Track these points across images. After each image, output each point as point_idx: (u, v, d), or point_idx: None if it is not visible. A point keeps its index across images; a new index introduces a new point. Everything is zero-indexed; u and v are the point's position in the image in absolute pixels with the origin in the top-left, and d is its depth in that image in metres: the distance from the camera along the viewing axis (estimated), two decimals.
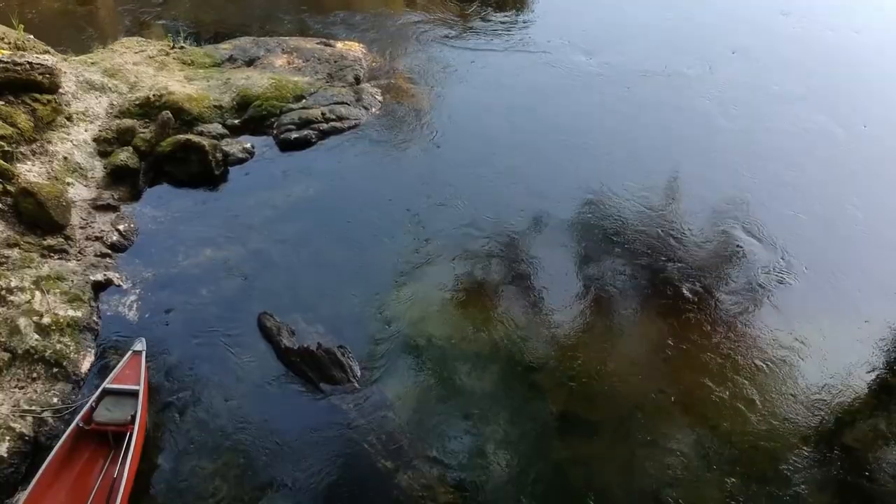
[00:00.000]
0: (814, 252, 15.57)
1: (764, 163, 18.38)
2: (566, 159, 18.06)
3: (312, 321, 13.05)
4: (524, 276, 14.41)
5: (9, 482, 10.01)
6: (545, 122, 19.39)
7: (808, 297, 14.41)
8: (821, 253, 15.63)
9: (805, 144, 19.40)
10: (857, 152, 19.24)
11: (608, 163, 18.04)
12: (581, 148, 18.55)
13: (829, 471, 11.27)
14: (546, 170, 17.53)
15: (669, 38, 24.91)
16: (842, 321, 13.91)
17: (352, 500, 10.49)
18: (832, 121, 20.34)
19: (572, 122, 19.67)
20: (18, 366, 11.22)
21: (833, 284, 14.79)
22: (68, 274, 12.86)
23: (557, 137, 18.77)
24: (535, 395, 12.14)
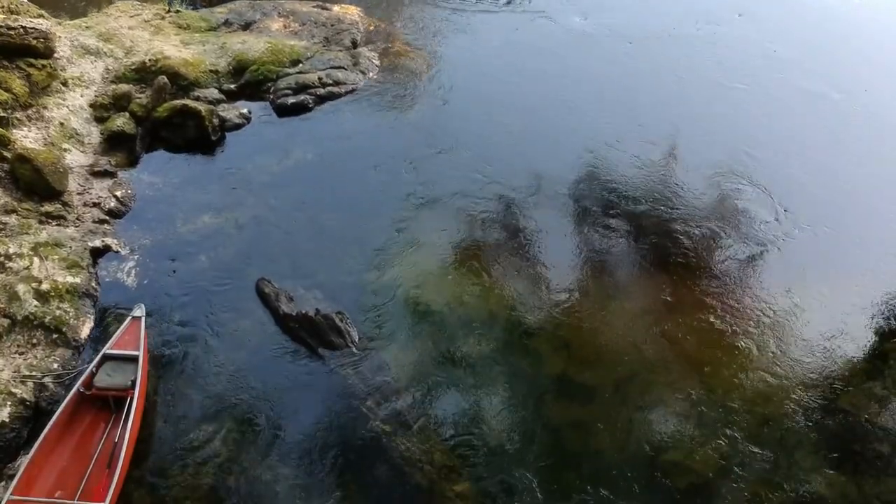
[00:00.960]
0: (815, 210, 15.65)
1: (767, 123, 18.30)
2: (566, 119, 18.02)
3: (311, 287, 13.09)
4: (523, 241, 14.43)
5: (11, 447, 10.13)
6: (544, 84, 19.24)
7: (806, 258, 14.50)
8: (822, 212, 15.69)
9: (808, 106, 19.34)
10: (859, 115, 19.14)
11: (608, 121, 17.98)
12: (581, 106, 18.53)
13: (823, 434, 11.39)
14: (545, 132, 17.46)
15: None
16: (839, 284, 13.98)
17: (351, 463, 10.60)
18: (834, 85, 20.19)
19: (573, 80, 19.59)
20: (18, 332, 11.28)
21: (832, 244, 14.88)
22: (66, 240, 12.88)
23: (557, 98, 18.69)
24: (533, 360, 12.21)
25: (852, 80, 20.62)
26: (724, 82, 19.94)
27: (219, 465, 10.39)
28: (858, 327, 13.19)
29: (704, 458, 10.91)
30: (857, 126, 18.72)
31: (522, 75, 19.55)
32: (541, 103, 18.46)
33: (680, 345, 12.53)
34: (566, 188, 15.81)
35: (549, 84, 19.28)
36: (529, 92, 18.89)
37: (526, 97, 18.68)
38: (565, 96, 18.82)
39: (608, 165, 16.46)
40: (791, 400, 11.78)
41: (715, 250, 14.45)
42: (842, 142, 18.08)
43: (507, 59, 20.31)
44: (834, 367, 12.39)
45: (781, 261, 14.41)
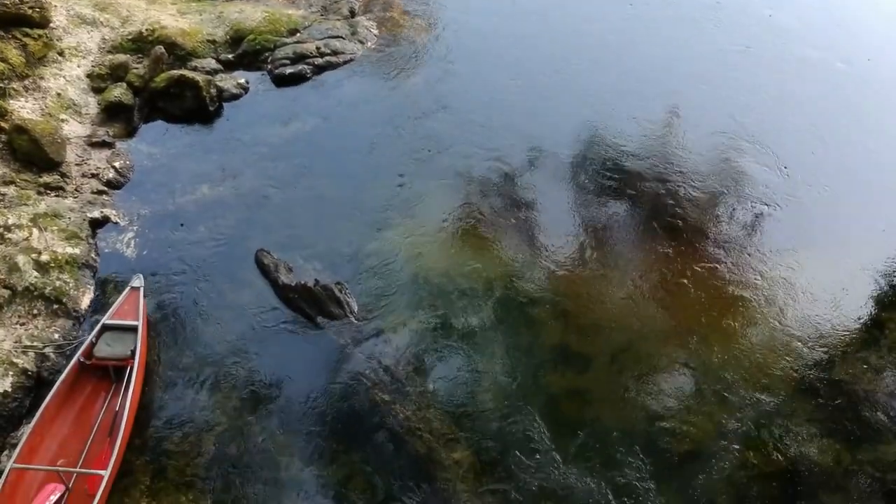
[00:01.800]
0: (815, 175, 15.67)
1: (767, 88, 18.20)
2: (566, 84, 17.96)
3: (310, 258, 13.12)
4: (522, 208, 14.45)
5: (13, 416, 10.23)
6: (543, 49, 19.15)
7: (805, 224, 14.56)
8: (822, 177, 15.69)
9: (810, 73, 19.17)
10: (860, 83, 19.02)
11: (608, 83, 17.96)
12: (581, 69, 18.51)
13: (818, 402, 11.48)
14: (544, 99, 17.36)
15: None
16: (838, 250, 14.05)
17: (350, 432, 10.71)
18: (837, 53, 20.02)
19: (573, 44, 19.55)
20: (19, 302, 11.33)
21: (832, 210, 14.93)
22: (65, 211, 12.89)
23: (556, 63, 18.59)
24: (531, 329, 12.29)
25: (855, 48, 20.43)
26: (725, 47, 19.82)
27: (219, 434, 10.50)
28: (856, 295, 13.22)
29: (700, 425, 11.01)
30: (859, 94, 18.60)
31: (522, 41, 19.46)
32: (539, 69, 18.37)
33: (677, 313, 12.59)
34: (566, 154, 15.80)
35: (547, 49, 19.19)
36: (529, 57, 18.80)
37: (525, 62, 18.60)
38: (565, 60, 18.74)
39: (608, 128, 16.43)
40: (787, 368, 11.86)
41: (714, 216, 14.48)
42: (845, 108, 18.00)
43: (508, 23, 20.15)
44: (830, 335, 12.45)
45: (781, 227, 14.45)
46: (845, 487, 10.47)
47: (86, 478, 9.45)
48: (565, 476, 10.36)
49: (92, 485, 9.33)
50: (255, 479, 10.07)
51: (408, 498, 10.02)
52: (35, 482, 9.44)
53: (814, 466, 10.68)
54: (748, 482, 10.45)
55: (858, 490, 10.46)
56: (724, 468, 10.58)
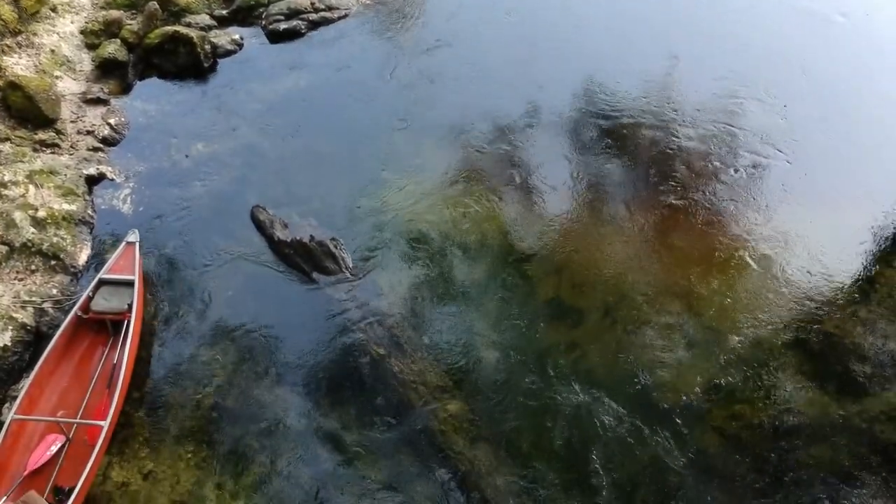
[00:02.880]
0: (811, 130, 15.61)
1: (766, 44, 18.03)
2: (565, 41, 17.78)
3: (305, 214, 13.17)
4: (517, 166, 14.43)
5: (13, 369, 10.40)
6: (542, 9, 18.91)
7: (800, 179, 14.52)
8: (819, 132, 15.64)
9: (810, 28, 19.01)
10: (859, 37, 18.88)
11: (607, 47, 17.78)
12: (580, 27, 18.32)
13: (808, 355, 11.59)
14: (542, 56, 17.22)
15: None
16: (831, 205, 14.05)
17: (346, 385, 10.86)
18: (835, 7, 19.82)
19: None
20: (17, 258, 11.42)
21: (826, 166, 14.91)
22: (61, 168, 12.92)
23: (555, 22, 18.38)
24: (525, 284, 12.38)
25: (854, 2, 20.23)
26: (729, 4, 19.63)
27: (217, 387, 10.66)
28: (848, 250, 13.26)
29: (691, 377, 11.15)
30: (858, 48, 18.43)
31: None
32: (538, 28, 18.16)
33: (671, 267, 12.67)
34: (562, 112, 15.72)
35: (546, 7, 18.95)
36: (527, 15, 18.57)
37: (524, 20, 18.38)
38: (565, 17, 18.53)
39: (604, 87, 16.32)
40: (777, 322, 11.96)
41: (709, 172, 14.47)
42: (843, 63, 17.84)
43: None
44: (821, 289, 12.52)
45: (776, 181, 14.45)
46: (833, 438, 10.62)
47: (86, 428, 9.62)
48: (558, 428, 10.53)
49: (92, 435, 9.49)
50: (252, 431, 10.25)
51: (403, 449, 10.20)
52: (36, 433, 9.64)
53: (802, 418, 10.83)
54: (737, 433, 10.60)
55: (845, 441, 10.60)
56: (714, 420, 10.73)
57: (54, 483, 9.19)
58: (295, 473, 9.89)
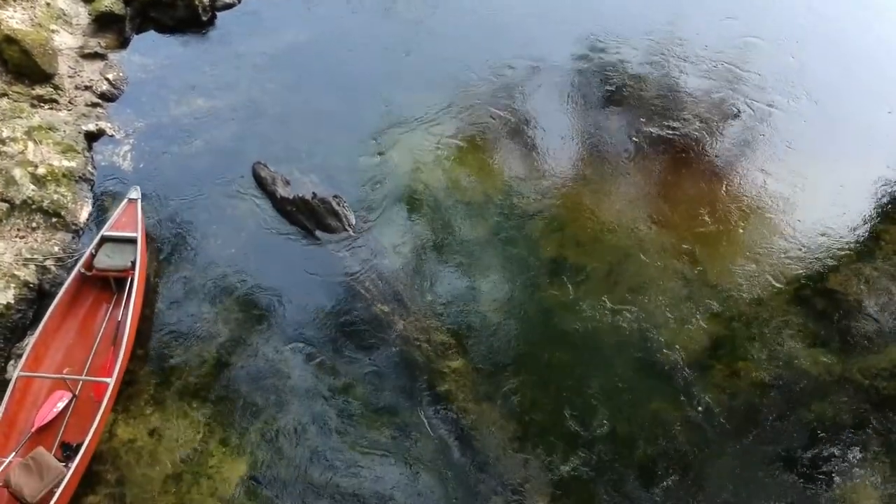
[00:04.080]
0: (813, 88, 15.42)
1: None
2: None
3: (307, 170, 13.07)
4: (520, 123, 14.30)
5: (17, 327, 10.38)
6: None
7: (803, 137, 14.41)
8: (821, 90, 15.45)
9: None
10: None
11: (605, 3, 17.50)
12: None
13: (811, 313, 11.63)
14: (545, 10, 16.94)
15: None
16: (835, 163, 13.95)
17: (349, 342, 10.89)
18: None
19: None
20: (17, 216, 11.34)
21: (830, 124, 14.76)
22: (60, 124, 12.77)
23: None
24: (528, 241, 12.36)
25: None
26: None
27: (221, 344, 10.68)
28: (851, 208, 13.22)
29: (693, 337, 11.18)
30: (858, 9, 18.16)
31: None
32: None
33: (674, 224, 12.64)
34: (564, 68, 15.51)
35: None
36: None
37: None
38: None
39: (606, 47, 16.07)
40: (780, 280, 11.97)
41: (711, 131, 14.35)
42: (841, 27, 17.55)
43: None
44: (825, 247, 12.52)
45: (778, 139, 14.35)
46: (834, 395, 10.70)
47: (91, 385, 9.65)
48: (560, 385, 10.59)
49: (98, 392, 9.53)
50: (256, 389, 10.30)
51: (407, 405, 10.26)
52: (42, 390, 9.66)
53: (805, 375, 10.90)
54: (740, 391, 10.67)
55: (847, 397, 10.68)
56: (716, 378, 10.79)
57: (62, 439, 9.25)
58: (299, 430, 9.95)
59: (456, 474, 9.69)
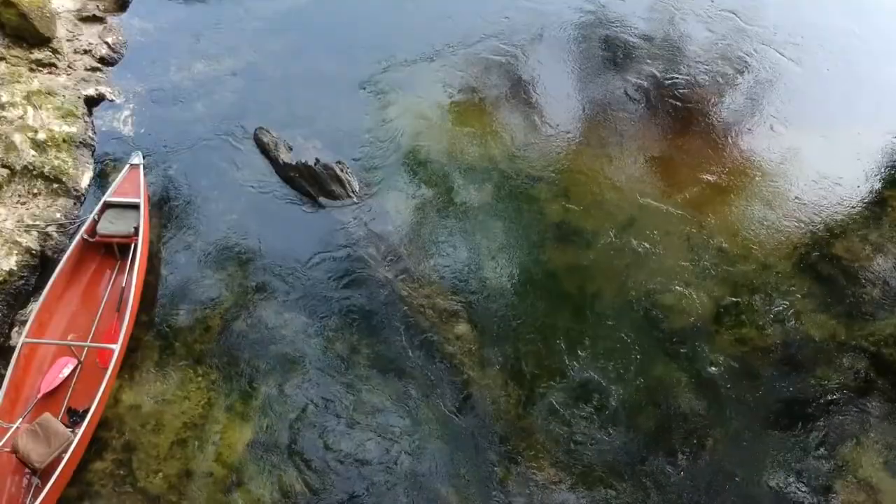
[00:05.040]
0: (819, 51, 15.28)
1: None
2: None
3: (309, 136, 12.97)
4: (522, 89, 14.17)
5: (21, 294, 10.35)
6: None
7: (809, 101, 14.31)
8: (827, 52, 15.32)
9: None
10: None
11: None
12: None
13: (816, 279, 11.59)
14: None
15: None
16: (842, 127, 13.83)
17: (354, 309, 10.87)
18: None
19: None
20: (18, 182, 11.26)
21: (836, 87, 14.64)
22: (59, 89, 12.64)
23: None
24: (532, 207, 12.30)
25: None
26: None
27: (225, 310, 10.66)
28: (858, 173, 13.13)
29: (698, 301, 11.15)
30: None
31: None
32: None
33: (679, 189, 12.56)
34: (568, 32, 15.33)
35: None
36: None
37: None
38: None
39: (610, 8, 15.85)
40: (786, 245, 11.93)
41: (718, 89, 14.24)
42: None
43: None
44: (831, 213, 12.44)
45: (784, 103, 14.21)
46: (839, 361, 10.69)
47: (97, 352, 9.65)
48: (564, 350, 10.58)
49: (103, 358, 9.54)
50: (261, 354, 10.28)
51: (411, 370, 10.27)
52: (48, 356, 9.66)
53: (810, 341, 10.88)
54: (745, 356, 10.66)
55: (852, 363, 10.67)
56: (721, 343, 10.78)
57: (68, 405, 9.26)
58: (304, 395, 9.96)
59: (460, 438, 9.71)
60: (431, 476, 9.39)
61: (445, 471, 9.44)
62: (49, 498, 8.30)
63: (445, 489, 9.28)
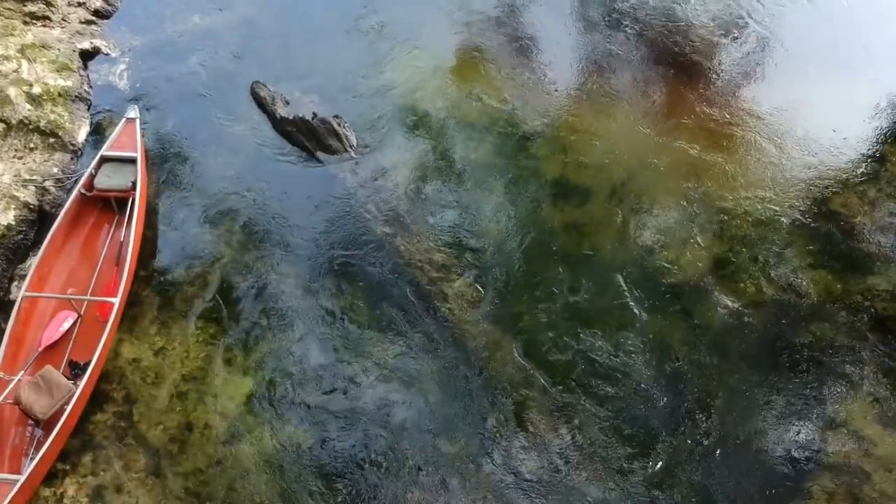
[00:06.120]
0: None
1: None
2: None
3: (306, 90, 12.87)
4: (523, 42, 14.02)
5: (19, 248, 10.38)
6: None
7: (809, 55, 14.13)
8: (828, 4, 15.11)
9: None
10: None
11: None
12: None
13: (813, 235, 11.59)
14: None
15: None
16: (841, 82, 13.69)
17: (352, 264, 10.91)
18: None
19: None
20: (14, 136, 11.20)
21: (836, 41, 14.46)
22: (54, 42, 12.50)
23: None
24: (530, 164, 12.25)
25: None
26: None
27: (223, 265, 10.70)
28: (859, 127, 13.04)
29: (695, 257, 11.18)
30: None
31: None
32: None
33: (678, 146, 12.49)
34: None
35: None
36: None
37: None
38: None
39: None
40: (783, 201, 11.89)
41: (717, 44, 14.09)
42: None
43: None
44: (829, 168, 12.38)
45: (784, 57, 14.09)
46: (834, 316, 10.75)
47: (97, 305, 9.71)
48: (561, 304, 10.65)
49: (103, 312, 9.60)
50: (259, 308, 10.35)
51: (409, 326, 10.33)
52: (48, 310, 9.72)
53: (805, 296, 10.93)
54: (741, 311, 10.72)
55: (846, 318, 10.74)
56: (718, 298, 10.83)
57: (69, 358, 9.35)
58: (302, 349, 10.05)
59: (457, 391, 9.82)
60: (428, 427, 9.52)
61: (442, 422, 9.57)
62: (52, 449, 8.43)
63: (441, 440, 9.43)
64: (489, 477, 9.19)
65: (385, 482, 9.08)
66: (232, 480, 8.91)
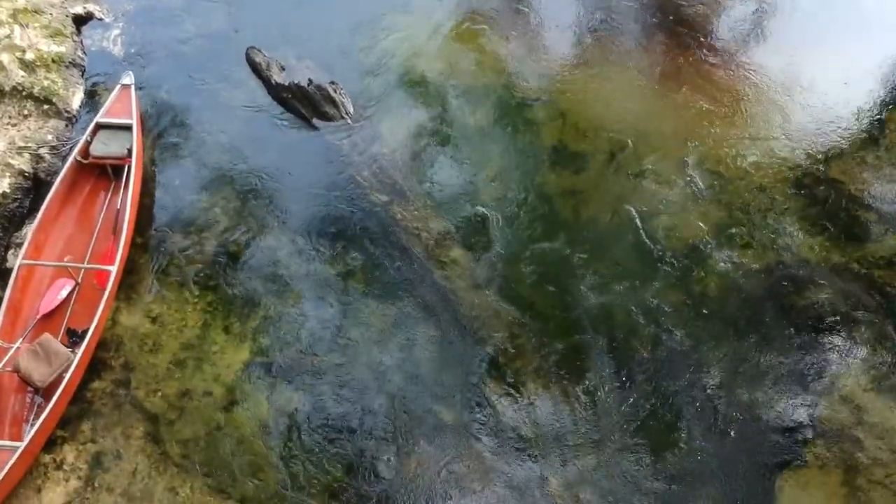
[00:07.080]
0: None
1: None
2: None
3: (302, 56, 12.76)
4: (522, 7, 13.85)
5: (15, 216, 10.35)
6: None
7: (810, 20, 14.01)
8: None
9: None
10: None
11: None
12: None
13: (811, 201, 11.55)
14: None
15: None
16: (842, 47, 13.52)
17: (349, 231, 10.89)
18: None
19: None
20: (8, 103, 11.13)
21: (838, 5, 14.31)
22: (46, 7, 12.36)
23: None
24: (528, 129, 12.20)
25: None
26: None
27: (220, 232, 10.68)
28: (859, 92, 12.94)
29: (692, 223, 11.16)
30: None
31: None
32: None
33: (677, 112, 12.43)
34: None
35: None
36: None
37: None
38: None
39: None
40: (782, 168, 11.85)
41: (717, 13, 13.94)
42: None
43: None
44: (828, 134, 12.29)
45: (784, 23, 13.99)
46: (831, 283, 10.76)
47: (94, 273, 9.71)
48: (557, 273, 10.67)
49: (101, 280, 9.60)
50: (256, 276, 10.35)
51: (405, 293, 10.36)
52: (45, 277, 9.72)
53: (802, 263, 10.94)
54: (738, 278, 10.73)
55: (843, 286, 10.75)
56: (715, 265, 10.84)
57: (67, 326, 9.38)
58: (299, 316, 10.07)
59: (451, 358, 9.87)
60: (422, 392, 9.60)
61: (436, 387, 9.65)
62: (51, 416, 8.49)
63: (435, 403, 9.51)
64: (486, 440, 9.30)
65: (382, 446, 9.17)
66: (231, 446, 8.99)
